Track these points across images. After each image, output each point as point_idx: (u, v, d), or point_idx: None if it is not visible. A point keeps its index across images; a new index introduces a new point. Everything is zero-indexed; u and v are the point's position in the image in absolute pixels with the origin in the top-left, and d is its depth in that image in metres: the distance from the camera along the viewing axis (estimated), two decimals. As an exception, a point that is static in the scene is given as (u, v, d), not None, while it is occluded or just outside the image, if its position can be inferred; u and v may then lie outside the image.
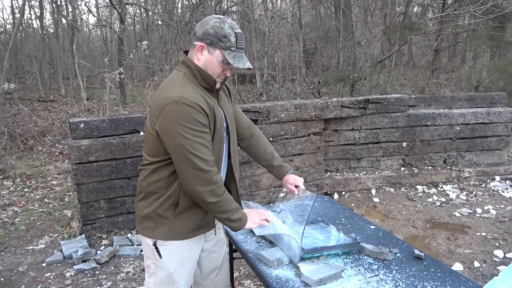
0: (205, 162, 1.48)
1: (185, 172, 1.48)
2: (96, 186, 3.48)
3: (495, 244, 3.34)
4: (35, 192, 4.79)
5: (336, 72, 9.58)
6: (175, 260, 1.65)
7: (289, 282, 1.56)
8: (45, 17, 15.33)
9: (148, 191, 1.60)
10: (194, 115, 1.45)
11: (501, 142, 5.13)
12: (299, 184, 1.88)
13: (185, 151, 1.45)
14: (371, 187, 4.68)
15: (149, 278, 1.70)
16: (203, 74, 1.54)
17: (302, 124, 4.31)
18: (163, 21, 11.07)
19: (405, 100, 4.78)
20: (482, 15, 7.12)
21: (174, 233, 1.61)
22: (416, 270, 1.63)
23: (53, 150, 6.62)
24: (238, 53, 1.53)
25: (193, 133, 1.45)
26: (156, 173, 1.57)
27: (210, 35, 1.50)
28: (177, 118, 1.43)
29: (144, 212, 1.62)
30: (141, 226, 1.65)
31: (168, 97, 1.45)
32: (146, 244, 1.67)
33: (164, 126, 1.46)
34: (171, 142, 1.47)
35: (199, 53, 1.54)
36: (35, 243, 3.53)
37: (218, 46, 1.51)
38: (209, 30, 1.51)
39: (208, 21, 1.53)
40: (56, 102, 10.59)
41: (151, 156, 1.58)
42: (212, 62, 1.53)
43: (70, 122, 3.57)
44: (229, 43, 1.51)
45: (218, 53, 1.52)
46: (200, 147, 1.47)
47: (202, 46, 1.53)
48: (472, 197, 4.40)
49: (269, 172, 2.00)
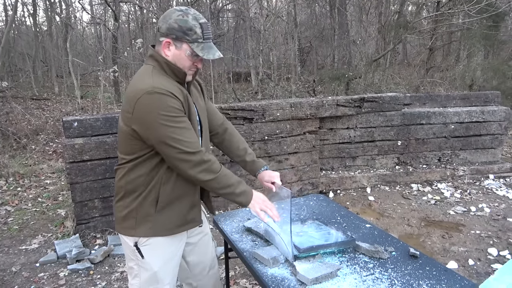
0: (192, 145, 1.46)
1: (175, 159, 1.46)
2: (90, 185, 3.45)
3: (489, 242, 3.36)
4: (28, 191, 4.75)
5: (331, 70, 9.58)
6: (158, 259, 1.62)
7: (284, 280, 1.55)
8: (38, 14, 15.22)
9: (128, 190, 1.57)
10: (170, 103, 1.42)
11: (495, 141, 5.16)
12: (275, 180, 1.83)
13: (168, 139, 1.42)
14: (366, 185, 4.69)
15: (133, 280, 1.67)
16: (172, 67, 1.51)
17: (298, 122, 4.31)
18: (158, 19, 11.01)
19: (400, 98, 4.80)
20: (476, 14, 7.15)
21: (157, 229, 1.58)
22: (412, 268, 1.64)
23: (46, 149, 6.57)
24: (206, 44, 1.50)
25: (172, 120, 1.42)
26: (135, 171, 1.54)
27: (175, 30, 1.46)
28: (153, 108, 1.40)
29: (124, 212, 1.58)
30: (121, 226, 1.61)
31: (140, 89, 1.42)
32: (127, 246, 1.63)
33: (142, 118, 1.43)
34: (153, 134, 1.43)
35: (166, 49, 1.50)
36: (28, 242, 3.50)
37: (184, 40, 1.47)
38: (173, 24, 1.46)
39: (170, 14, 1.48)
40: (50, 101, 10.50)
41: (128, 154, 1.54)
42: (181, 56, 1.50)
43: (64, 120, 3.54)
44: (196, 35, 1.47)
45: (186, 47, 1.48)
46: (183, 132, 1.45)
47: (168, 42, 1.49)
48: (466, 195, 4.42)
49: (243, 168, 1.95)
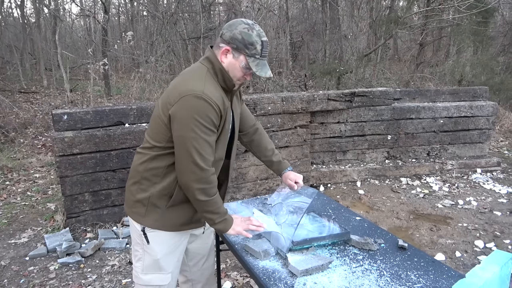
0: (205, 161, 1.50)
1: (184, 164, 1.50)
2: (81, 179, 3.43)
3: (476, 235, 3.42)
4: (17, 185, 4.70)
5: (323, 65, 9.60)
6: (162, 247, 1.66)
7: (275, 272, 1.57)
8: (26, 6, 14.91)
9: (144, 177, 1.61)
10: (210, 113, 1.47)
11: (482, 135, 5.24)
12: (298, 181, 1.92)
13: (189, 144, 1.47)
14: (356, 179, 4.73)
15: (137, 263, 1.71)
16: (225, 75, 1.57)
17: (289, 116, 4.32)
18: (149, 11, 10.90)
19: (390, 93, 4.84)
20: (466, 10, 7.22)
21: (163, 223, 1.63)
22: (400, 260, 1.66)
23: (35, 143, 6.49)
24: (261, 61, 1.56)
25: (202, 130, 1.47)
26: (156, 161, 1.58)
27: (237, 40, 1.52)
28: (192, 111, 1.45)
29: (137, 197, 1.63)
30: (132, 210, 1.66)
31: (191, 89, 1.47)
32: (135, 230, 1.67)
33: (178, 114, 1.47)
34: (179, 132, 1.48)
35: (224, 55, 1.56)
36: (18, 236, 3.47)
37: (243, 52, 1.53)
38: (237, 35, 1.52)
39: (236, 25, 1.54)
40: (38, 94, 10.34)
41: (155, 141, 1.58)
42: (235, 66, 1.56)
43: (53, 113, 3.50)
44: (255, 50, 1.53)
45: (243, 58, 1.54)
46: (205, 145, 1.49)
47: (227, 50, 1.55)
48: (454, 189, 4.49)
49: (268, 167, 2.04)
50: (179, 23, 9.23)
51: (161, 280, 1.69)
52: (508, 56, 10.47)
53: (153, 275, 1.69)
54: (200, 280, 1.95)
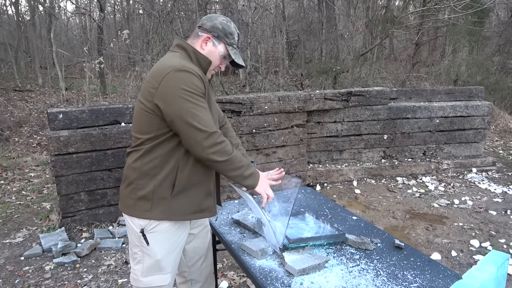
0: (208, 124, 1.52)
1: (189, 137, 1.50)
2: (76, 178, 3.41)
3: (472, 234, 3.44)
4: (12, 184, 4.67)
5: (319, 64, 9.61)
6: (163, 247, 1.64)
7: (272, 272, 1.57)
8: (21, 3, 14.81)
9: (143, 171, 1.59)
10: (195, 81, 1.51)
11: (478, 135, 5.26)
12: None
13: (186, 115, 1.47)
14: (353, 178, 4.74)
15: (136, 266, 1.68)
16: (198, 55, 1.62)
17: (285, 116, 4.32)
18: (145, 10, 10.85)
19: (386, 93, 4.85)
20: (462, 10, 7.25)
21: (172, 212, 1.61)
22: (397, 259, 1.67)
23: (30, 141, 6.45)
24: (237, 51, 1.71)
25: (193, 97, 1.50)
26: (152, 153, 1.58)
27: (219, 30, 1.65)
28: (179, 83, 1.48)
29: (139, 194, 1.60)
30: (134, 209, 1.62)
31: (169, 66, 1.51)
32: (133, 231, 1.64)
33: (166, 93, 1.49)
34: (172, 107, 1.49)
35: (204, 43, 1.65)
36: (13, 236, 3.45)
37: (223, 40, 1.66)
38: (218, 25, 1.65)
39: (216, 17, 1.68)
40: (33, 92, 10.27)
41: (144, 134, 1.57)
42: (214, 54, 1.66)
43: (49, 112, 3.48)
44: (233, 40, 1.68)
45: (222, 46, 1.66)
46: (202, 110, 1.51)
47: (208, 37, 1.65)
48: (450, 189, 4.51)
49: None
50: (175, 22, 9.20)
51: (162, 281, 1.68)
52: (503, 56, 10.53)
53: (154, 276, 1.67)
54: (199, 279, 1.95)
